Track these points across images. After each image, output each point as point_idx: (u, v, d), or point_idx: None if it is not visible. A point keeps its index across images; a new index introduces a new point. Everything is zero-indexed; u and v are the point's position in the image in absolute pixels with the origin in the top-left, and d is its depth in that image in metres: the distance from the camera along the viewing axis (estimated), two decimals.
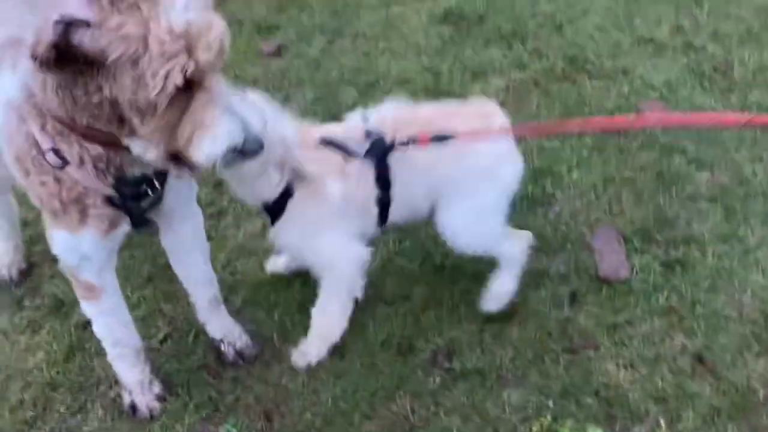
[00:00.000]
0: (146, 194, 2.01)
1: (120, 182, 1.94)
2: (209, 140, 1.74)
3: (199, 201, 2.40)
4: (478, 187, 2.37)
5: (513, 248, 2.55)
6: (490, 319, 2.60)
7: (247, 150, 1.79)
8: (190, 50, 1.59)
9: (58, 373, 2.60)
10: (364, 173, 2.29)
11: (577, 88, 3.62)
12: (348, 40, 4.11)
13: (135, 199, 2.00)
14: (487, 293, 2.60)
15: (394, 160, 2.28)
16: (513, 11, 4.17)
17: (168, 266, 2.52)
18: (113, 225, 2.03)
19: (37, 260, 3.01)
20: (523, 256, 2.57)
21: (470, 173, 2.35)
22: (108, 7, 1.54)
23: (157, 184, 2.01)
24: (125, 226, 2.07)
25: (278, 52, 4.07)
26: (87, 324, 2.42)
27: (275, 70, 3.96)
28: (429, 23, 4.16)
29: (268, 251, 2.84)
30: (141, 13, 1.56)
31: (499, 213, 2.45)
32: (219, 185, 3.18)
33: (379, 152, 2.27)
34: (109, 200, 1.97)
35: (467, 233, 2.44)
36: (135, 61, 1.57)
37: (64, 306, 2.79)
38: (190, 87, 1.66)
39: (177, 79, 1.59)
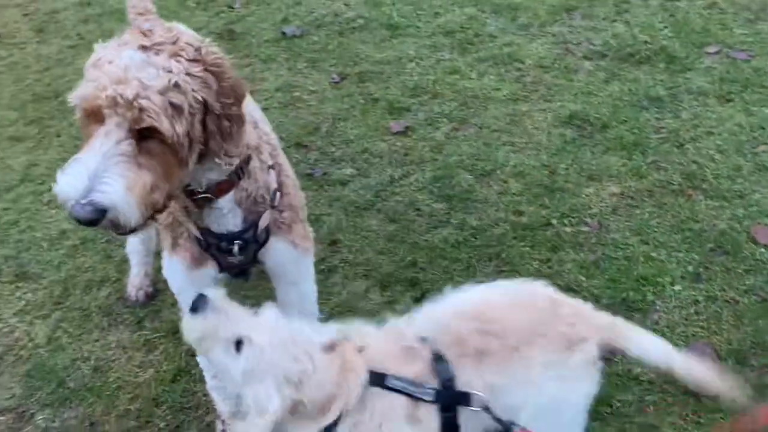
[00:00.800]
0: (230, 251, 2.16)
1: (206, 232, 2.14)
2: (58, 178, 1.71)
3: None
4: (559, 409, 2.08)
5: None
6: None
7: (72, 214, 1.67)
8: (97, 83, 1.72)
9: (164, 391, 2.83)
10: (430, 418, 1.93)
11: (690, 204, 3.65)
12: (472, 129, 4.31)
13: (220, 250, 2.18)
14: None
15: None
16: (637, 122, 4.25)
17: None
18: (197, 262, 2.23)
19: (162, 288, 3.27)
20: None
21: (549, 397, 2.04)
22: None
23: (238, 245, 2.14)
24: (211, 270, 2.25)
25: (405, 131, 4.32)
26: None
27: (399, 147, 4.19)
28: (553, 123, 4.29)
29: (369, 312, 3.01)
30: (113, 46, 1.80)
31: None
32: (334, 243, 3.40)
33: (450, 401, 1.93)
34: (197, 240, 2.18)
35: None
36: None
37: (179, 332, 3.02)
38: (92, 119, 1.76)
39: (78, 94, 1.75)
